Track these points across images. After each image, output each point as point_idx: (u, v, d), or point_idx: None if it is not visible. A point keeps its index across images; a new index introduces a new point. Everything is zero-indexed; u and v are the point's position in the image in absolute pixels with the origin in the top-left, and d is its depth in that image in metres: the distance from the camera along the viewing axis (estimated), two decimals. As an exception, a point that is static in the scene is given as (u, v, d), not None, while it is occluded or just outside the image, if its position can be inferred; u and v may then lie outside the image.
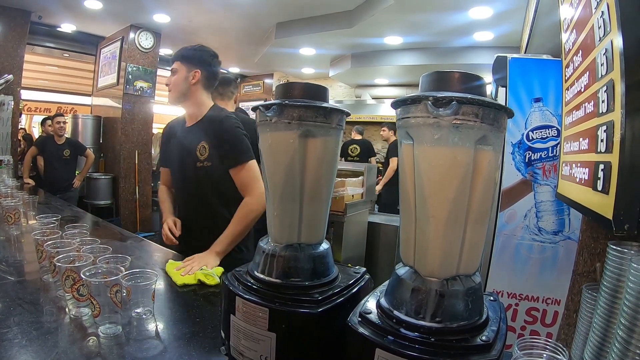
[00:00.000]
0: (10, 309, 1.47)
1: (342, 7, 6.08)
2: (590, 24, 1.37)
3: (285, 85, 1.01)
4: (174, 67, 2.37)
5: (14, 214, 2.55)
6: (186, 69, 2.36)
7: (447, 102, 0.71)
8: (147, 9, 6.47)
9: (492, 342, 0.76)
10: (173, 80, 2.36)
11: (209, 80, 2.45)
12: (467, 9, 5.25)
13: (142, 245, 2.61)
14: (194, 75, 2.36)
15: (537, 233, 2.46)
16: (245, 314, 0.97)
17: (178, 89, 2.36)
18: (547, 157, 2.41)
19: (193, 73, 2.36)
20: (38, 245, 1.71)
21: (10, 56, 6.58)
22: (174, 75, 2.36)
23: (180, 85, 2.35)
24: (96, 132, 7.91)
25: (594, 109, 1.31)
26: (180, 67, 2.36)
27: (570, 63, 1.72)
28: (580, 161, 1.46)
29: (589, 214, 1.34)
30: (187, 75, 2.35)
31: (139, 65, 7.44)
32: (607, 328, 1.06)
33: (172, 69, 2.39)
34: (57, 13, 6.83)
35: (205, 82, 2.43)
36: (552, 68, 2.44)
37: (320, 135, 0.97)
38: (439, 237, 0.78)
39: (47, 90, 11.89)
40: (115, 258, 1.49)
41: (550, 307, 2.47)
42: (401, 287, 0.82)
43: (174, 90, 2.36)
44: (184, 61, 2.37)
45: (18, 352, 1.19)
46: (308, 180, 0.99)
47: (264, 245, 1.05)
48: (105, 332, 1.32)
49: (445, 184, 0.76)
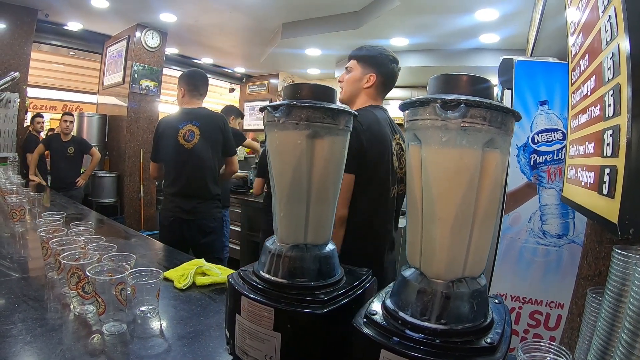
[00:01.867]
0: (15, 306, 1.48)
1: (348, 8, 6.07)
2: (597, 27, 1.37)
3: (293, 86, 1.01)
4: (349, 66, 2.30)
5: (20, 211, 2.56)
6: (361, 70, 2.27)
7: (455, 105, 0.72)
8: (154, 8, 6.47)
9: (497, 344, 0.76)
10: (347, 78, 2.30)
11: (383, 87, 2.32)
12: (473, 11, 5.23)
13: (146, 243, 2.62)
14: (368, 79, 2.26)
15: (542, 236, 2.45)
16: (250, 314, 0.97)
17: (350, 89, 2.29)
18: (552, 161, 2.41)
19: (368, 76, 2.26)
20: (43, 242, 1.71)
21: (17, 54, 6.60)
22: (349, 74, 2.30)
23: (353, 84, 2.28)
24: (101, 130, 7.92)
25: (600, 112, 1.31)
26: (356, 66, 2.28)
27: (576, 66, 1.72)
28: (586, 165, 1.46)
29: (594, 217, 1.34)
30: (361, 77, 2.26)
31: (145, 64, 7.45)
32: (611, 332, 1.05)
33: (346, 67, 2.32)
34: (63, 11, 6.84)
35: (379, 88, 2.31)
36: (558, 71, 2.43)
37: (327, 136, 0.97)
38: (446, 239, 0.78)
39: (53, 88, 11.90)
40: (120, 256, 1.50)
41: (554, 311, 2.46)
42: (407, 288, 0.82)
43: (347, 88, 2.30)
44: (360, 61, 2.28)
45: (22, 349, 1.20)
46: (315, 181, 0.99)
47: (270, 245, 1.05)
48: (109, 330, 1.32)
49: (452, 186, 0.76)
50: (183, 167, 3.41)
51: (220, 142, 3.47)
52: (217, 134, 3.44)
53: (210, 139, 3.40)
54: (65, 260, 1.43)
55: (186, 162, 3.38)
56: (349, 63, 2.30)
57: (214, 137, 3.42)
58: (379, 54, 2.28)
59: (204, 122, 3.40)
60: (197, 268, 1.91)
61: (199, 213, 3.40)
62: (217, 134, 3.44)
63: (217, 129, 3.44)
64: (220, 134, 3.46)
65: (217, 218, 3.54)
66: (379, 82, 2.26)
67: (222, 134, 3.48)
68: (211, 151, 3.42)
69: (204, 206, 3.42)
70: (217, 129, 3.44)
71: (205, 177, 3.41)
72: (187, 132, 3.36)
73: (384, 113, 2.31)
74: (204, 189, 3.42)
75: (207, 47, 8.60)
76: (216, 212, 3.52)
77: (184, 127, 3.38)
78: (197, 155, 3.37)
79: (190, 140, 3.36)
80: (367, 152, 2.05)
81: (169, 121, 3.49)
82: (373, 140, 2.08)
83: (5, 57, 6.48)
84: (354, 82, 2.26)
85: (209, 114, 3.51)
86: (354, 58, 2.29)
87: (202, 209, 3.41)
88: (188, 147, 3.36)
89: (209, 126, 3.41)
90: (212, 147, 3.42)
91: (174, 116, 3.52)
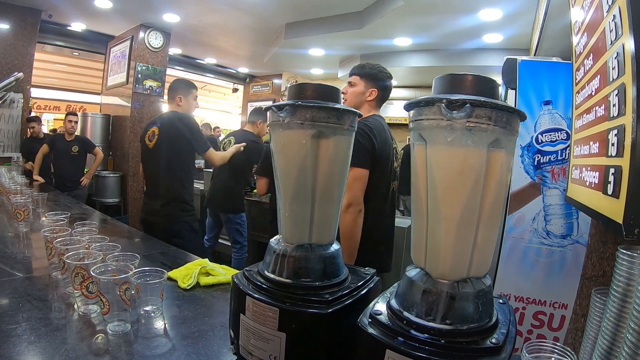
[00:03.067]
0: (19, 305, 1.48)
1: (352, 8, 6.07)
2: (601, 27, 1.37)
3: (297, 86, 1.01)
4: (352, 81, 2.62)
5: (24, 210, 2.57)
6: (364, 85, 2.60)
7: (460, 105, 0.71)
8: (157, 9, 6.49)
9: (502, 344, 0.76)
10: (351, 91, 2.62)
11: (381, 100, 2.67)
12: (477, 11, 5.23)
13: (150, 243, 2.63)
14: (370, 93, 2.60)
15: (546, 236, 2.44)
16: (255, 314, 0.97)
17: (355, 101, 2.60)
18: (557, 160, 2.40)
19: (370, 90, 2.60)
20: (47, 242, 1.72)
21: (21, 54, 6.63)
22: (353, 87, 2.62)
23: (357, 97, 2.60)
24: (105, 130, 7.95)
25: (605, 112, 1.31)
26: (359, 81, 2.60)
27: (581, 66, 1.71)
28: (591, 165, 1.45)
29: (598, 218, 1.34)
30: (365, 91, 2.60)
31: (149, 64, 7.47)
32: (616, 332, 1.05)
33: (349, 82, 2.64)
34: (67, 12, 6.86)
35: (378, 101, 2.65)
36: (562, 71, 2.42)
37: (332, 136, 0.97)
38: (451, 239, 0.78)
39: (57, 89, 11.95)
40: (124, 256, 1.50)
41: (558, 311, 2.45)
42: (412, 288, 0.82)
43: (350, 100, 2.61)
44: (363, 77, 2.60)
45: (27, 348, 1.20)
46: (320, 181, 0.99)
47: (274, 245, 1.05)
48: (113, 330, 1.32)
49: (457, 186, 0.76)
50: (147, 167, 3.54)
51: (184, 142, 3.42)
52: (177, 134, 3.40)
53: (170, 140, 3.39)
54: (70, 260, 1.43)
55: (150, 163, 3.50)
56: (352, 78, 2.63)
57: (173, 138, 3.39)
58: (378, 72, 2.64)
59: (163, 123, 3.46)
60: (201, 268, 1.91)
61: (163, 216, 3.38)
62: (177, 134, 3.40)
63: (175, 129, 3.41)
64: (180, 134, 3.42)
65: (182, 221, 3.43)
66: (378, 96, 2.64)
67: (183, 133, 3.41)
68: (173, 152, 3.40)
69: (168, 208, 3.39)
70: (175, 129, 3.41)
71: (168, 178, 3.41)
72: (151, 133, 3.46)
73: (384, 121, 2.68)
74: (167, 190, 3.41)
75: (210, 47, 8.62)
76: (183, 216, 3.44)
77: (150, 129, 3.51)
78: (157, 156, 3.42)
79: (151, 140, 3.44)
80: (378, 152, 2.42)
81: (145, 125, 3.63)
82: (382, 143, 2.45)
83: (9, 58, 6.51)
84: (358, 95, 2.60)
85: (170, 115, 3.53)
86: (357, 75, 2.62)
87: (165, 212, 3.38)
88: (150, 146, 3.44)
89: (168, 127, 3.42)
90: (173, 147, 3.40)
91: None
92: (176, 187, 3.42)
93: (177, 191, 3.43)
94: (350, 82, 2.63)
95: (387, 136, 2.56)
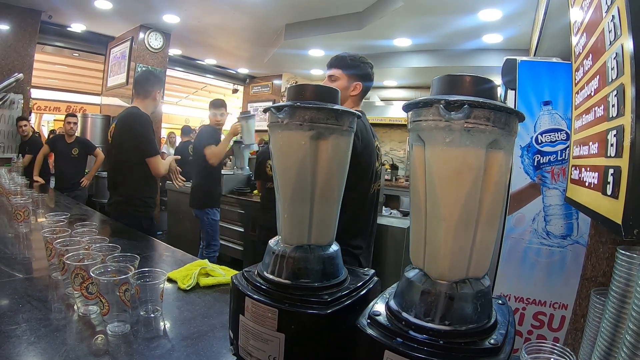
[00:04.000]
0: (19, 306, 1.48)
1: (352, 8, 6.08)
2: (600, 27, 1.37)
3: (296, 87, 1.01)
4: (334, 74, 2.40)
5: (24, 211, 2.57)
6: (347, 79, 2.39)
7: (459, 106, 0.72)
8: (157, 10, 6.49)
9: (501, 345, 0.76)
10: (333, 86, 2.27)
11: (364, 94, 2.49)
12: (477, 12, 5.23)
13: (150, 244, 2.63)
14: (355, 87, 2.40)
15: (545, 237, 2.44)
16: (254, 314, 0.98)
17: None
18: (556, 161, 2.40)
19: (354, 85, 2.40)
20: (47, 243, 1.72)
21: (21, 55, 6.63)
22: (334, 82, 2.39)
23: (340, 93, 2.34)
24: (105, 131, 7.93)
25: (604, 113, 1.31)
26: (342, 75, 2.38)
27: (580, 66, 1.71)
28: (590, 165, 1.45)
29: (598, 218, 1.34)
30: (348, 86, 2.39)
31: (149, 65, 7.48)
32: (615, 333, 1.05)
33: (330, 75, 2.41)
34: (67, 13, 6.87)
35: (361, 95, 2.47)
36: (561, 71, 2.42)
37: (331, 137, 0.97)
38: (449, 240, 0.78)
39: (57, 90, 11.95)
40: (124, 257, 1.50)
41: (558, 312, 2.45)
42: (411, 289, 0.82)
43: None
44: (345, 70, 2.39)
45: (27, 349, 1.20)
46: (319, 182, 0.99)
47: (274, 246, 1.05)
48: (113, 331, 1.32)
49: (456, 187, 0.76)
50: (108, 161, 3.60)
51: (132, 142, 3.37)
52: (126, 133, 3.38)
53: (121, 138, 3.40)
54: (69, 260, 1.43)
55: (108, 157, 3.62)
56: (333, 72, 2.40)
57: (124, 136, 3.39)
58: (361, 64, 2.43)
59: (119, 120, 3.49)
60: (201, 269, 1.91)
61: (115, 210, 3.44)
62: (126, 133, 3.38)
63: (126, 127, 3.40)
64: (129, 134, 3.38)
65: (132, 217, 3.37)
66: (362, 90, 2.44)
67: (131, 132, 3.37)
68: (124, 150, 3.40)
69: (120, 204, 3.43)
70: (126, 127, 3.40)
71: (119, 173, 3.47)
72: (112, 128, 3.51)
73: (366, 119, 2.47)
74: (119, 185, 3.47)
75: (210, 48, 8.63)
76: (133, 211, 3.41)
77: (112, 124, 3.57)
78: (113, 151, 3.52)
79: (111, 136, 3.51)
80: (359, 154, 2.22)
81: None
82: (364, 147, 2.25)
83: (9, 59, 6.52)
84: (342, 90, 2.32)
85: (126, 112, 3.52)
86: (338, 68, 2.39)
87: (117, 207, 3.44)
88: (109, 141, 3.52)
89: (121, 124, 3.45)
90: (123, 145, 3.40)
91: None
92: (131, 184, 3.45)
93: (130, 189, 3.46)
94: (331, 76, 2.41)
95: (370, 137, 2.36)
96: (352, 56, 2.42)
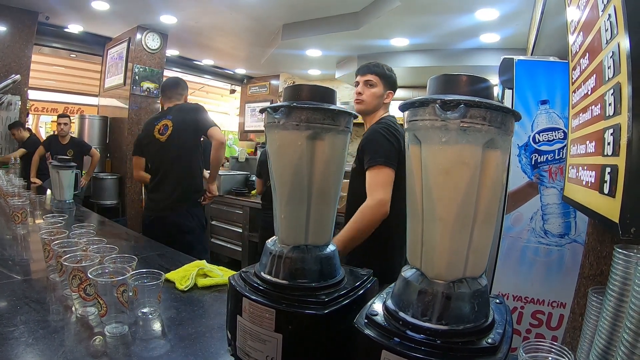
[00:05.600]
0: (17, 308, 1.48)
1: (349, 8, 6.07)
2: (597, 26, 1.37)
3: (293, 88, 1.01)
4: (372, 80, 2.47)
5: (21, 213, 2.57)
6: (383, 87, 2.49)
7: (455, 105, 0.72)
8: (154, 10, 6.48)
9: (498, 344, 0.76)
10: (372, 92, 2.48)
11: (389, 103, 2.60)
12: (474, 11, 5.23)
13: (148, 245, 2.62)
14: (388, 95, 2.53)
15: (543, 236, 2.45)
16: (251, 315, 0.98)
17: (374, 103, 2.50)
18: (554, 160, 2.41)
19: (388, 93, 2.52)
20: (45, 244, 1.72)
21: (18, 56, 6.61)
22: (373, 88, 2.47)
23: (377, 99, 2.49)
24: (103, 132, 7.94)
25: (601, 111, 1.31)
26: (379, 83, 2.47)
27: (577, 65, 1.71)
28: (587, 164, 1.46)
29: (595, 217, 1.34)
30: (383, 93, 2.50)
31: (146, 66, 7.46)
32: (613, 332, 1.05)
33: (367, 81, 2.48)
34: (64, 14, 6.85)
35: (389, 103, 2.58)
36: (558, 70, 2.43)
37: (328, 137, 0.97)
38: (446, 240, 0.78)
39: (54, 91, 11.92)
40: (122, 258, 1.50)
41: (556, 311, 2.46)
42: (408, 289, 0.82)
43: (370, 102, 2.49)
44: (382, 79, 2.48)
45: (24, 351, 1.20)
46: (316, 182, 0.99)
47: (271, 247, 1.05)
48: (111, 332, 1.32)
49: (452, 186, 0.76)
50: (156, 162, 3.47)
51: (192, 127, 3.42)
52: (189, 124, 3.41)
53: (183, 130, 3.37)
54: (67, 262, 1.43)
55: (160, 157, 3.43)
56: (370, 77, 2.46)
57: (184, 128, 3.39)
58: (393, 74, 2.54)
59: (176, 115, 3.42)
60: (199, 269, 1.91)
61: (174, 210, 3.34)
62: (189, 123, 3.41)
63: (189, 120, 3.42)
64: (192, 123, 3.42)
65: (194, 215, 3.42)
66: (391, 99, 2.56)
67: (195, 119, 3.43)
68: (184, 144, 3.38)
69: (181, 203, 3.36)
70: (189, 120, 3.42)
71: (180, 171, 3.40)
72: (162, 127, 3.40)
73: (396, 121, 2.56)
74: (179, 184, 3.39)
75: (207, 48, 8.61)
76: (195, 210, 3.45)
77: (159, 123, 3.44)
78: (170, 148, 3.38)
79: (163, 134, 3.38)
80: (402, 153, 2.21)
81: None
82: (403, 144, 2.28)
83: (6, 60, 6.50)
84: (378, 97, 2.49)
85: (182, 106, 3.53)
86: (377, 75, 2.46)
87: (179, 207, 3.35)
88: (162, 140, 3.37)
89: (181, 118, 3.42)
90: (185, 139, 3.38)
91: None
92: (188, 181, 3.40)
93: (189, 185, 3.40)
94: (368, 82, 2.47)
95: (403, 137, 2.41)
96: (387, 67, 2.53)
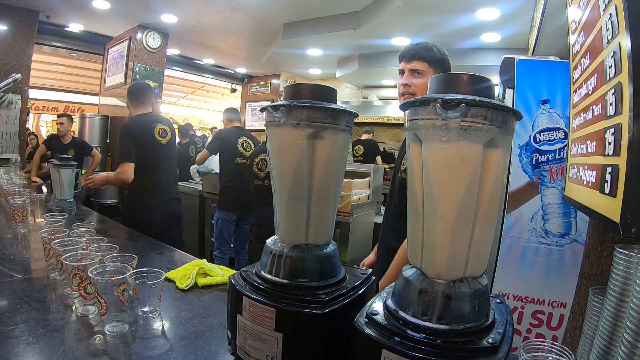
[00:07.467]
0: (17, 307, 1.48)
1: (350, 8, 6.07)
2: (598, 26, 1.37)
3: (293, 87, 1.01)
4: (419, 68, 1.99)
5: (22, 212, 2.57)
6: (434, 73, 1.80)
7: (455, 104, 0.71)
8: (155, 9, 6.48)
9: (499, 344, 0.76)
10: (421, 82, 1.97)
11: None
12: (475, 11, 5.23)
13: (148, 244, 2.62)
14: None
15: (544, 236, 2.44)
16: (252, 314, 0.97)
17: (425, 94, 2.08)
18: (554, 160, 2.40)
19: None
20: (45, 243, 1.72)
21: (19, 55, 6.61)
22: (422, 77, 1.98)
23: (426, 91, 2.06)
24: (103, 131, 7.94)
25: (602, 111, 1.31)
26: (428, 70, 1.98)
27: (578, 65, 1.71)
28: (588, 164, 1.45)
29: (596, 217, 1.34)
30: None
31: (147, 65, 7.46)
32: (614, 331, 1.05)
33: (413, 70, 2.00)
34: (65, 13, 6.85)
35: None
36: (559, 70, 2.42)
37: (328, 136, 0.97)
38: (447, 239, 0.78)
39: (55, 90, 11.94)
40: (122, 257, 1.50)
41: (556, 310, 2.45)
42: (408, 288, 0.82)
43: (421, 94, 1.91)
44: (432, 65, 1.99)
45: (25, 350, 1.20)
46: (316, 181, 0.99)
47: (271, 246, 1.05)
48: (111, 331, 1.32)
49: (453, 185, 0.76)
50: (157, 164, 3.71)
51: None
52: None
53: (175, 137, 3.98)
54: (67, 261, 1.43)
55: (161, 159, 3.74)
56: (416, 64, 1.99)
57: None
58: (446, 57, 2.07)
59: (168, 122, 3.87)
60: (199, 268, 1.91)
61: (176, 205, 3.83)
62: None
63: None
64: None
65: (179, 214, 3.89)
66: None
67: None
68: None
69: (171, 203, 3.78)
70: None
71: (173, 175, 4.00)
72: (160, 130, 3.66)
73: None
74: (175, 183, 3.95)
75: (208, 47, 8.61)
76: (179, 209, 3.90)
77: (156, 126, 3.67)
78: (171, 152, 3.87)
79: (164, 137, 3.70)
80: None
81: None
82: None
83: (7, 59, 6.50)
84: (425, 89, 1.88)
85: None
86: (426, 60, 1.99)
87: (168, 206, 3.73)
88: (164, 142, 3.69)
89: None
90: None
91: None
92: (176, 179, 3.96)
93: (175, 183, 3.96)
94: (416, 70, 1.98)
95: None
96: (438, 48, 2.05)
